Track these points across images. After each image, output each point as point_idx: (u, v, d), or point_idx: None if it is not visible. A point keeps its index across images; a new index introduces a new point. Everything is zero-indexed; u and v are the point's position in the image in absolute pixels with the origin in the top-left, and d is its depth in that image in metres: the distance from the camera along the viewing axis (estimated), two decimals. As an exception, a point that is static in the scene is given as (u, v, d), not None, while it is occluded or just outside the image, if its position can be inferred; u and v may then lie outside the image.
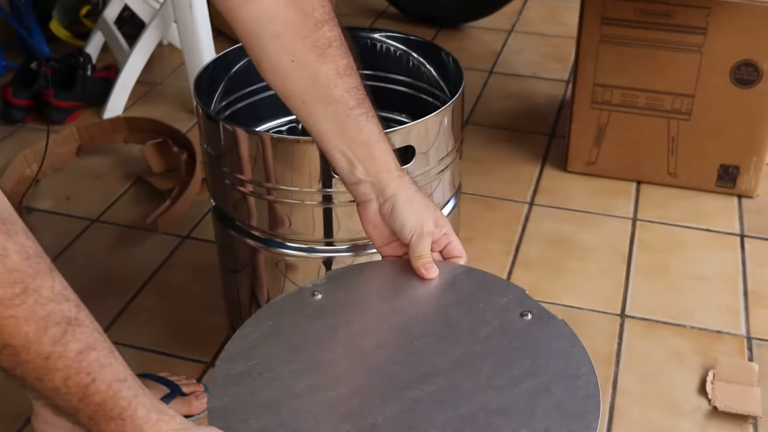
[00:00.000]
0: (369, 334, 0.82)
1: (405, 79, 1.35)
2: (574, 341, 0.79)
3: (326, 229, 1.16)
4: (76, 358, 0.68)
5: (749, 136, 1.70)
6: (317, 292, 0.86)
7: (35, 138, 1.96)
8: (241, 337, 0.81)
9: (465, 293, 0.86)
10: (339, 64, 0.88)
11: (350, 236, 1.16)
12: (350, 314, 0.84)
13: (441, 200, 1.22)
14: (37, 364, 0.66)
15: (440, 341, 0.80)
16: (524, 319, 0.82)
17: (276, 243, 1.19)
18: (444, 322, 0.82)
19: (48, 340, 0.66)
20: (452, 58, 1.25)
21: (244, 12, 0.87)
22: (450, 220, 1.24)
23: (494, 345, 0.79)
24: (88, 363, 0.68)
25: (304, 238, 1.17)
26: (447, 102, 1.15)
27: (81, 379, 0.68)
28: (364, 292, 0.88)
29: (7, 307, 0.63)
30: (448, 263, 0.91)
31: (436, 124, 1.13)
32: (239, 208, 1.19)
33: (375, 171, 0.89)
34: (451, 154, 1.19)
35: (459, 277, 0.88)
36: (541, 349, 0.78)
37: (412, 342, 0.80)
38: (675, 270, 1.58)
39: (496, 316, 0.82)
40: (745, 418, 1.28)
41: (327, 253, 1.18)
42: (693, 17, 1.63)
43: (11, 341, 0.64)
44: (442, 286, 0.87)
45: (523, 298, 0.85)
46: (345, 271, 0.91)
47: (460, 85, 1.18)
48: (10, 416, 1.29)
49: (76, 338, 0.67)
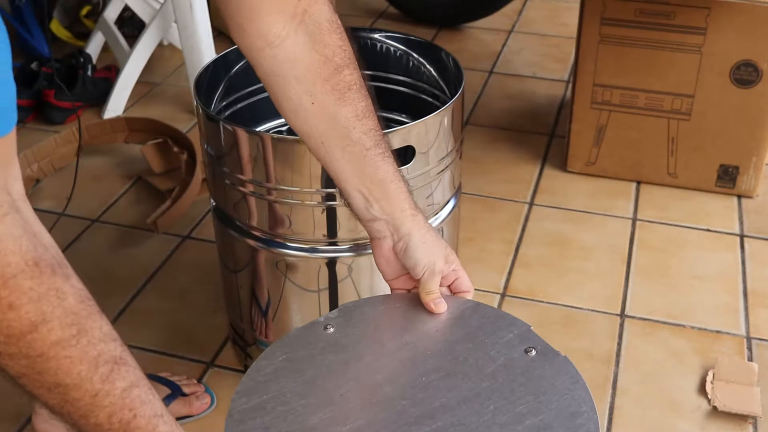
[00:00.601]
0: (380, 368, 0.85)
1: (405, 79, 1.35)
2: (577, 378, 0.83)
3: (327, 229, 1.16)
4: (121, 395, 0.71)
5: (749, 136, 1.71)
6: (329, 326, 0.89)
7: (36, 138, 1.96)
8: (255, 371, 0.84)
9: (472, 328, 0.89)
10: (358, 107, 0.90)
11: (351, 236, 1.16)
12: (362, 348, 0.87)
13: (441, 200, 1.22)
14: (86, 402, 0.69)
15: (448, 377, 0.83)
16: (529, 355, 0.85)
17: (276, 243, 1.19)
18: (451, 357, 0.85)
19: (98, 378, 0.69)
20: (452, 58, 1.25)
21: (269, 55, 0.89)
22: (450, 220, 1.24)
23: (499, 381, 0.82)
24: (131, 400, 0.72)
25: (305, 238, 1.17)
26: (447, 102, 1.15)
27: (124, 415, 0.71)
28: (375, 326, 0.91)
29: (64, 347, 0.66)
30: (456, 298, 0.94)
31: (436, 125, 1.13)
32: (239, 208, 1.19)
33: (390, 209, 0.92)
34: (451, 155, 1.19)
35: (466, 312, 0.92)
36: (545, 387, 0.82)
37: (421, 377, 0.83)
38: (675, 270, 1.58)
39: (501, 352, 0.86)
40: (745, 418, 1.28)
41: (327, 253, 1.18)
42: (693, 17, 1.63)
43: (65, 380, 0.67)
44: (450, 321, 0.90)
45: (528, 334, 0.88)
46: (357, 305, 0.94)
47: (460, 85, 1.19)
48: (10, 416, 1.29)
49: (121, 376, 0.71)
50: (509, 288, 1.54)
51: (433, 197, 1.19)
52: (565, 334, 1.43)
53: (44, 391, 0.68)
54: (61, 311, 0.66)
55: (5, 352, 0.65)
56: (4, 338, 0.64)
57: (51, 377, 0.67)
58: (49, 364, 0.66)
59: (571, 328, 1.45)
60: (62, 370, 0.67)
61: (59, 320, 0.66)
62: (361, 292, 1.22)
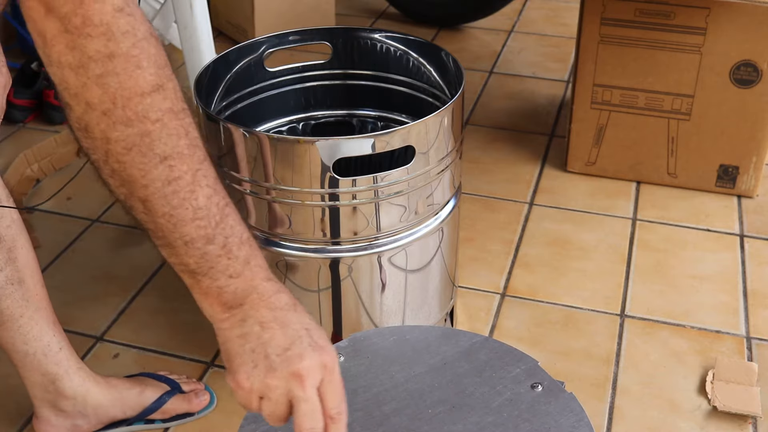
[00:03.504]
0: (387, 399, 0.86)
1: (405, 79, 1.35)
2: (582, 416, 0.83)
3: (328, 228, 1.16)
4: (215, 180, 0.70)
5: (749, 136, 1.71)
6: (339, 355, 0.90)
7: (36, 138, 1.96)
8: None
9: (480, 362, 0.90)
10: None
11: (350, 236, 1.16)
12: (370, 379, 0.88)
13: (441, 200, 1.22)
14: (188, 180, 0.67)
15: (454, 410, 0.84)
16: (535, 390, 0.86)
17: (276, 243, 1.19)
18: (458, 390, 0.86)
19: (197, 157, 0.68)
20: (452, 59, 1.25)
21: None
22: (450, 220, 1.24)
23: (504, 416, 0.83)
24: (222, 189, 0.71)
25: (305, 238, 1.18)
26: (447, 102, 1.15)
27: (220, 200, 0.70)
28: (384, 357, 0.92)
29: (173, 118, 0.66)
30: (466, 332, 0.94)
31: (436, 125, 1.13)
32: (239, 207, 1.19)
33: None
34: (451, 154, 1.19)
35: (475, 346, 0.93)
36: (549, 423, 0.82)
37: (427, 409, 0.84)
38: (675, 270, 1.58)
39: (508, 386, 0.87)
40: (745, 417, 1.28)
41: (328, 253, 1.19)
42: (693, 18, 1.63)
43: (173, 151, 0.66)
44: (459, 354, 0.91)
45: (535, 370, 0.89)
46: (366, 335, 0.96)
47: (460, 85, 1.19)
48: (10, 416, 1.29)
49: (210, 166, 0.70)
50: (509, 288, 1.54)
51: (433, 197, 1.19)
52: (565, 334, 1.43)
53: (151, 167, 0.66)
54: (173, 84, 0.67)
55: (124, 116, 0.64)
56: (125, 97, 0.64)
57: (160, 148, 0.66)
58: (161, 132, 0.65)
59: (571, 328, 1.45)
60: (171, 141, 0.66)
61: (173, 91, 0.66)
62: (361, 292, 1.22)
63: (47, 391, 1.17)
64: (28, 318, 1.12)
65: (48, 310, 1.16)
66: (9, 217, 1.10)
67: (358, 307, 1.23)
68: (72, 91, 0.65)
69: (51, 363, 1.15)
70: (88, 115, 0.65)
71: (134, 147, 0.65)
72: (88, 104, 0.65)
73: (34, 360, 1.14)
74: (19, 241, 1.11)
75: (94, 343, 1.42)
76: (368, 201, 1.13)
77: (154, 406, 1.24)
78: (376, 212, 1.15)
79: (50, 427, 1.20)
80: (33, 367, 1.15)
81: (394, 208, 1.15)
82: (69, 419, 1.20)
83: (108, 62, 0.64)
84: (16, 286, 1.10)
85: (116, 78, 0.64)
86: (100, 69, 0.64)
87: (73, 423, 1.21)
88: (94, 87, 0.64)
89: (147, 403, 1.24)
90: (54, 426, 1.20)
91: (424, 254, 1.24)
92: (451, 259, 1.31)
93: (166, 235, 0.69)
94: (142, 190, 0.67)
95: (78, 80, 0.64)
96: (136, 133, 0.65)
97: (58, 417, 1.20)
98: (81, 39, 0.63)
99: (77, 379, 1.18)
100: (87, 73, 0.64)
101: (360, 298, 1.23)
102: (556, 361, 1.37)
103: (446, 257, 1.28)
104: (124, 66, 0.64)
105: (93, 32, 0.63)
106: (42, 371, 1.15)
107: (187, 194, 0.68)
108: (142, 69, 0.65)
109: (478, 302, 1.50)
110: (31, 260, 1.13)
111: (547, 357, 1.37)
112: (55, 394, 1.18)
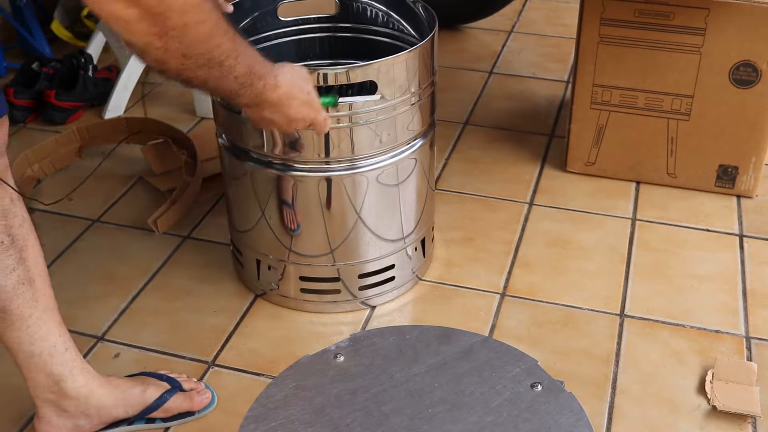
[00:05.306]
0: (387, 399, 0.87)
1: (388, 31, 1.52)
2: (581, 415, 0.84)
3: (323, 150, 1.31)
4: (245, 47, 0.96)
5: (748, 136, 1.71)
6: (340, 355, 0.92)
7: (36, 138, 1.96)
8: (265, 398, 0.86)
9: (480, 362, 0.91)
10: None
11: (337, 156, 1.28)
12: (370, 378, 0.89)
13: (412, 134, 1.38)
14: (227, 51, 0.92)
15: (453, 409, 0.85)
16: (534, 390, 0.87)
17: (285, 166, 1.34)
18: (458, 390, 0.87)
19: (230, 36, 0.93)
20: (422, 6, 1.43)
21: None
22: (420, 151, 1.40)
23: (504, 416, 0.84)
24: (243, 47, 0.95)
25: (306, 158, 1.32)
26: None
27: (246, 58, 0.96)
28: (384, 356, 0.93)
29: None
30: (466, 332, 0.94)
31: (400, 65, 1.28)
32: (253, 137, 1.34)
33: None
34: (416, 94, 1.33)
35: (475, 346, 0.93)
36: (549, 422, 0.83)
37: (427, 409, 0.85)
38: (674, 270, 1.58)
39: (507, 386, 0.88)
40: (744, 417, 1.28)
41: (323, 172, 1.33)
42: (692, 18, 1.63)
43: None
44: (459, 354, 0.92)
45: (534, 370, 0.90)
46: (367, 335, 0.96)
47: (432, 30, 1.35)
48: (10, 416, 1.29)
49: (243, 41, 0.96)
50: (509, 288, 1.54)
51: (407, 128, 1.35)
52: (565, 333, 1.43)
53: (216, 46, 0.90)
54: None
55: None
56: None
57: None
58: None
59: (570, 328, 1.45)
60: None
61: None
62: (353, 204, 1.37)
63: (51, 391, 1.17)
64: (36, 318, 1.12)
65: (55, 311, 1.16)
66: (21, 215, 1.10)
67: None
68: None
69: (56, 363, 1.15)
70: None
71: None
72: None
73: (40, 360, 1.14)
74: (30, 241, 1.11)
75: (94, 343, 1.43)
76: (346, 125, 1.29)
77: (156, 405, 1.24)
78: (350, 136, 1.31)
79: (52, 427, 1.20)
80: (38, 367, 1.15)
81: (365, 133, 1.31)
82: (71, 419, 1.20)
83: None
84: (26, 286, 1.10)
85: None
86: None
87: (75, 423, 1.21)
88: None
89: (149, 402, 1.24)
90: (56, 426, 1.20)
91: (401, 177, 1.40)
92: (423, 186, 1.46)
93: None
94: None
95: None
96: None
97: (60, 417, 1.19)
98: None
99: (81, 380, 1.18)
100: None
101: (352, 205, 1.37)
102: (555, 361, 1.37)
103: (419, 186, 1.44)
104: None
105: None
106: (47, 372, 1.15)
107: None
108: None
109: (477, 302, 1.50)
110: (40, 260, 1.14)
111: (546, 357, 1.37)
112: (59, 395, 1.17)
